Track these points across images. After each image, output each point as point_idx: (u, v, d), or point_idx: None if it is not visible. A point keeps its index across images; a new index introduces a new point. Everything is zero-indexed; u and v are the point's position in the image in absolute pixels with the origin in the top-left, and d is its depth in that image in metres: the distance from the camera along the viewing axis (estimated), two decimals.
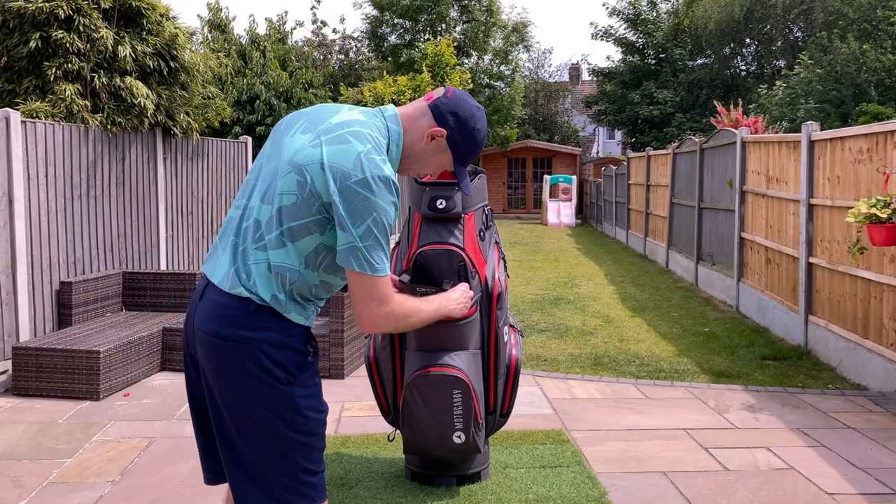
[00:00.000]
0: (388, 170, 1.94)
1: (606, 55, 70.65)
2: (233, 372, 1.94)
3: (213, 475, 2.18)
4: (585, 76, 41.35)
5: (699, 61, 28.93)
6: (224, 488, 2.97)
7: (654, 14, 29.56)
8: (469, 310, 2.56)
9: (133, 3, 6.73)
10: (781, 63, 26.80)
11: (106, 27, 6.49)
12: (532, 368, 5.98)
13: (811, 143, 6.62)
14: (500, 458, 3.99)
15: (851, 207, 5.42)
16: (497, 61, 27.32)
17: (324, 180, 1.91)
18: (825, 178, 6.36)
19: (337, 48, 29.11)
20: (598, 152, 42.49)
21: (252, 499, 1.99)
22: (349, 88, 18.38)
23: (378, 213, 1.90)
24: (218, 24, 15.94)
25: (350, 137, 1.94)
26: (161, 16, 7.04)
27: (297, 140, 2.00)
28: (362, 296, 1.95)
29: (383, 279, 1.95)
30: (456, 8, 26.12)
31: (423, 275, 3.34)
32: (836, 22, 23.10)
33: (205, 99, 7.87)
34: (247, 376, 1.94)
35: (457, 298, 2.52)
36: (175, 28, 7.10)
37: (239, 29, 46.48)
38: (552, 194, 26.06)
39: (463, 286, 2.62)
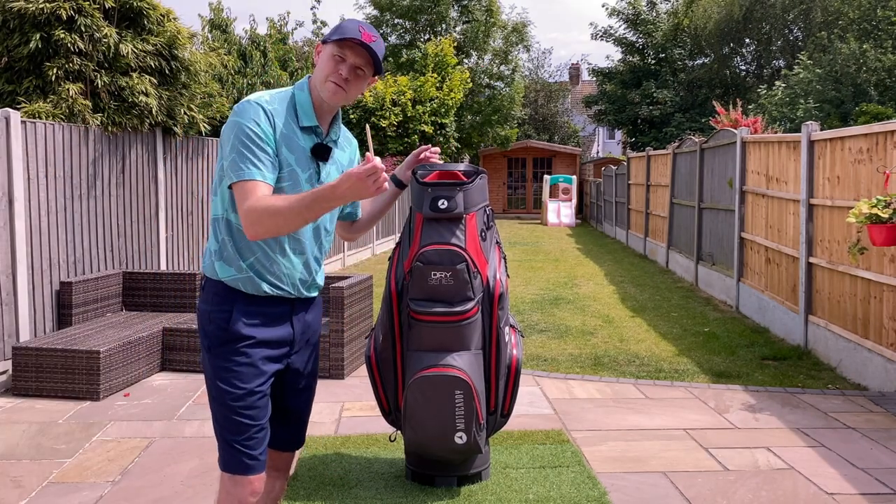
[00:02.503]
0: (256, 96, 2.20)
1: (606, 55, 70.74)
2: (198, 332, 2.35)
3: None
4: (585, 76, 41.36)
5: (698, 61, 28.92)
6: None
7: (654, 14, 29.56)
8: (372, 186, 1.99)
9: (134, 3, 6.72)
10: (781, 63, 26.79)
11: (107, 26, 6.49)
12: (532, 368, 5.98)
13: (811, 143, 6.62)
14: (500, 459, 3.99)
15: (851, 207, 5.42)
16: (497, 61, 27.32)
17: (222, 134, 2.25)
18: (825, 178, 6.37)
19: None
20: (598, 152, 42.50)
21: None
22: None
23: (237, 129, 2.15)
24: (219, 24, 15.94)
25: None
26: (162, 16, 7.04)
27: None
28: (239, 201, 2.14)
29: (248, 182, 2.13)
30: (456, 8, 26.12)
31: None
32: (836, 22, 23.10)
33: (206, 98, 7.87)
34: (200, 339, 2.35)
35: (348, 184, 2.00)
36: (176, 28, 7.10)
37: (239, 30, 46.49)
38: (552, 194, 26.06)
39: (355, 172, 1.99)
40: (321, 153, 2.28)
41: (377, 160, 1.99)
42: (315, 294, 2.43)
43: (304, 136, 2.26)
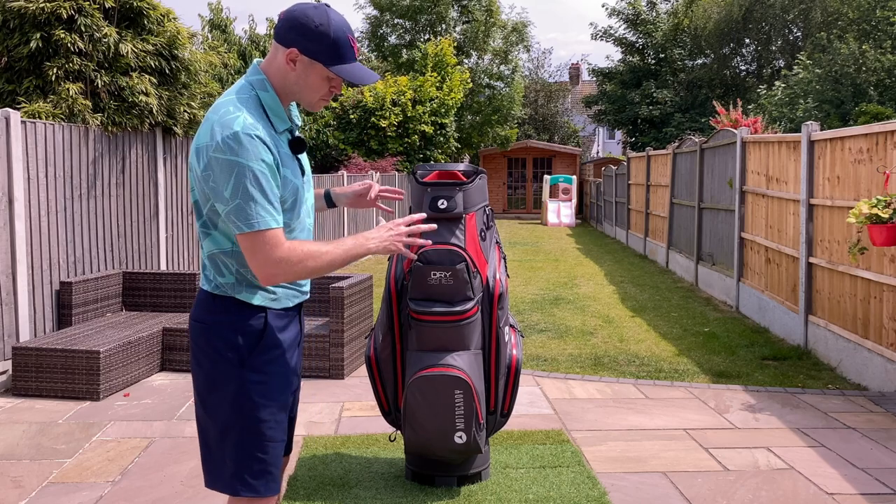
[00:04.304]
0: (240, 124, 1.95)
1: (606, 55, 70.74)
2: (196, 349, 2.13)
3: None
4: (585, 76, 41.36)
5: (698, 61, 28.92)
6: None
7: (654, 14, 29.57)
8: (399, 242, 2.15)
9: (134, 3, 6.72)
10: (780, 63, 26.80)
11: (107, 26, 6.49)
12: (532, 368, 5.98)
13: (811, 143, 6.62)
14: (500, 458, 3.99)
15: (851, 207, 5.42)
16: (497, 61, 27.32)
17: (196, 165, 2.01)
18: (825, 178, 6.37)
19: None
20: (598, 152, 42.50)
21: (206, 474, 2.15)
22: (349, 88, 18.39)
23: (239, 168, 1.93)
24: (218, 25, 15.93)
25: (209, 115, 2.03)
26: (162, 16, 7.05)
27: None
28: (250, 252, 1.97)
29: (263, 233, 1.96)
30: (456, 8, 26.12)
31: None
32: (836, 22, 23.10)
33: (206, 97, 7.87)
34: (204, 355, 2.10)
35: (378, 236, 2.14)
36: (176, 28, 7.10)
37: (239, 30, 46.44)
38: (552, 194, 26.06)
39: (392, 223, 2.18)
40: (300, 147, 2.15)
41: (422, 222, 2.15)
42: None
43: (282, 141, 2.10)
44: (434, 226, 2.22)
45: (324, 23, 2.02)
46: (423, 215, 2.22)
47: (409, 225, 2.18)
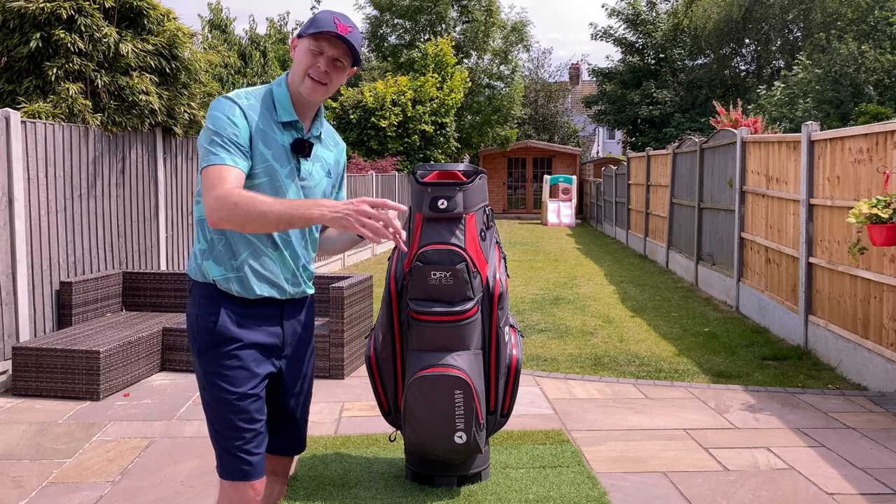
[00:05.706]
0: (231, 93, 2.21)
1: (606, 55, 70.71)
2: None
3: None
4: (585, 76, 41.36)
5: (698, 61, 28.94)
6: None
7: (654, 14, 29.58)
8: (356, 217, 1.93)
9: (134, 3, 6.72)
10: (780, 63, 26.81)
11: (107, 26, 6.49)
12: (532, 368, 5.98)
13: (811, 143, 6.63)
14: (500, 458, 3.99)
15: (851, 207, 5.42)
16: (497, 61, 27.32)
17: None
18: (825, 178, 6.37)
19: None
20: (598, 152, 42.50)
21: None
22: (349, 88, 18.38)
23: (209, 121, 2.15)
24: (218, 25, 15.94)
25: None
26: (162, 16, 7.05)
27: None
28: (208, 186, 2.09)
29: (213, 168, 2.09)
30: (456, 8, 26.12)
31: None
32: (835, 22, 23.11)
33: (206, 97, 7.87)
34: (190, 343, 2.34)
35: (332, 205, 1.98)
36: (176, 27, 7.10)
37: (239, 30, 46.48)
38: (552, 194, 26.06)
39: (357, 199, 1.97)
40: (301, 149, 2.23)
41: (395, 223, 1.97)
42: (305, 294, 2.36)
43: (282, 132, 2.21)
44: (404, 208, 2.07)
45: (319, 11, 2.27)
46: (402, 207, 2.05)
47: (375, 207, 1.97)
